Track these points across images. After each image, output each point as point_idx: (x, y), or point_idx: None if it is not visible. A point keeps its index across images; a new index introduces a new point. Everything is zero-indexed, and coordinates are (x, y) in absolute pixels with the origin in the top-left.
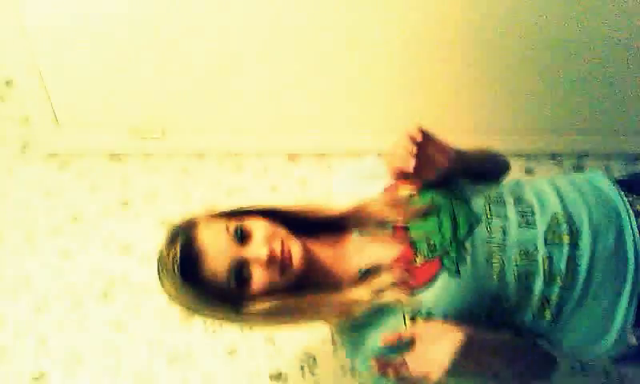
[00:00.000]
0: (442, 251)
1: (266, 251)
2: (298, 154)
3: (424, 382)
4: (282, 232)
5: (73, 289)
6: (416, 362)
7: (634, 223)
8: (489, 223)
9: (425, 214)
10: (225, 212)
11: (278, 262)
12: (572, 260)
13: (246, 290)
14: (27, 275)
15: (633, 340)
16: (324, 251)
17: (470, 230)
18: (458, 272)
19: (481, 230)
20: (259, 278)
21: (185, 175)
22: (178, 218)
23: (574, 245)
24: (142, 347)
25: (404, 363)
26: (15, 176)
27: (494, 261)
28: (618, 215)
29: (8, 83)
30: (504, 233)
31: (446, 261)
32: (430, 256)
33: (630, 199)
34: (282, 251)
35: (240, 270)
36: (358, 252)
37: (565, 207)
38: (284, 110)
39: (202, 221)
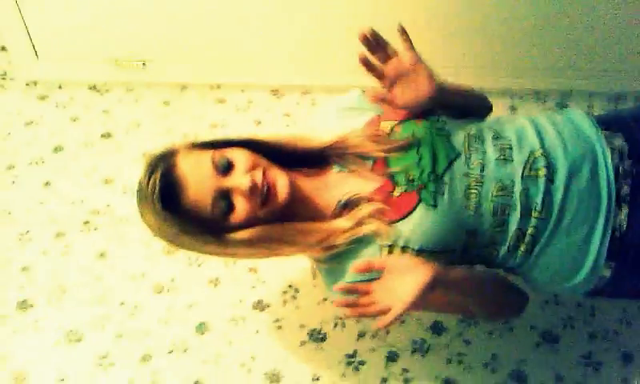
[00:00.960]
0: (420, 184)
1: (248, 181)
2: (281, 88)
3: (385, 317)
4: (264, 162)
5: (55, 219)
6: (381, 293)
7: (609, 159)
8: (467, 158)
9: (405, 148)
10: (205, 142)
11: (259, 192)
12: (547, 194)
13: (228, 220)
14: (9, 206)
15: (606, 272)
16: (305, 183)
17: (449, 165)
18: (435, 204)
19: (459, 164)
20: (241, 207)
21: (167, 107)
22: (157, 148)
23: (550, 179)
24: (126, 277)
25: (368, 291)
26: None
27: (472, 194)
28: (594, 151)
29: None
30: (482, 167)
31: (423, 193)
32: (409, 189)
33: (607, 134)
34: (265, 181)
35: (223, 199)
36: (337, 185)
37: (542, 143)
38: (268, 43)
39: (181, 150)
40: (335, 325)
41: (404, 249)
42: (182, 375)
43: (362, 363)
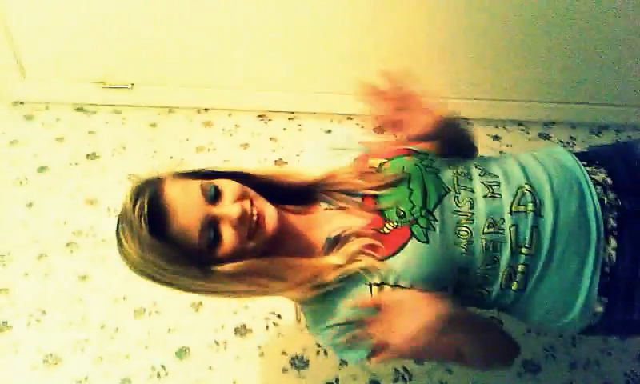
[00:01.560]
0: (412, 219)
1: (238, 209)
2: (268, 113)
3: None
4: (252, 193)
5: (38, 240)
6: (379, 329)
7: (594, 192)
8: (457, 194)
9: (395, 183)
10: (193, 171)
11: (248, 221)
12: (536, 228)
13: (215, 251)
14: None
15: (599, 308)
16: (293, 220)
17: (439, 200)
18: (427, 240)
19: (449, 201)
20: (229, 237)
21: (153, 129)
22: (142, 174)
23: (538, 213)
24: (107, 300)
25: (366, 330)
26: None
27: (462, 231)
28: (580, 185)
29: None
30: (471, 204)
31: (415, 228)
32: (400, 224)
33: (589, 170)
34: (254, 211)
35: (210, 228)
36: (326, 222)
37: (528, 179)
38: (256, 68)
39: (168, 178)
40: (317, 352)
41: (395, 286)
42: None
43: None
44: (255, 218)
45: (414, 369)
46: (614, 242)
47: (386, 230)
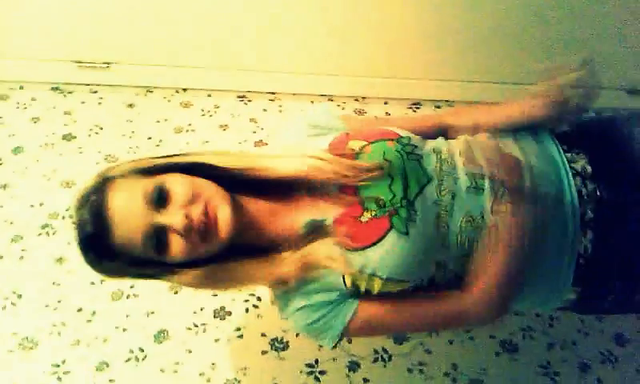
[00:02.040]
0: (391, 209)
1: (181, 218)
2: (248, 94)
3: None
4: (208, 192)
5: (13, 222)
6: None
7: (573, 184)
8: (439, 184)
9: (375, 171)
10: (145, 168)
11: (195, 231)
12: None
13: (165, 258)
14: None
15: (572, 296)
16: (261, 209)
17: (421, 190)
18: (407, 232)
19: (431, 191)
20: (177, 246)
21: (131, 110)
22: (92, 176)
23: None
24: (84, 283)
25: None
26: None
27: (441, 224)
28: (558, 175)
29: None
30: (453, 196)
31: (395, 219)
32: (379, 214)
33: (569, 156)
34: (206, 217)
35: (156, 237)
36: (301, 209)
37: None
38: (236, 48)
39: (117, 180)
40: (297, 334)
41: (371, 277)
42: None
43: (322, 373)
44: (203, 226)
45: (393, 350)
46: (590, 234)
47: (364, 219)
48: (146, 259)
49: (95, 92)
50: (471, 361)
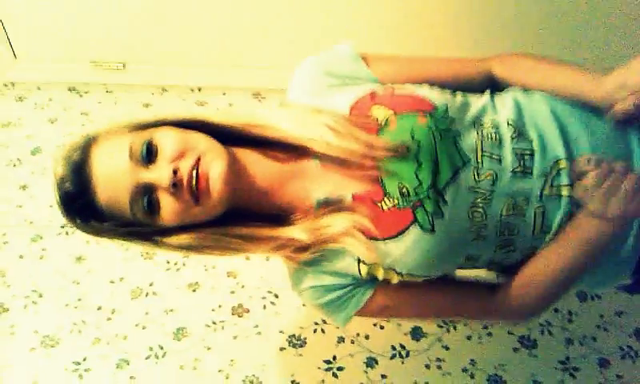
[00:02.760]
0: (415, 201)
1: (168, 173)
2: (263, 91)
3: None
4: (201, 146)
5: (32, 222)
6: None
7: None
8: (478, 166)
9: (400, 151)
10: (134, 123)
11: (186, 188)
12: (569, 216)
13: (156, 220)
14: None
15: (628, 280)
16: (267, 172)
17: (454, 176)
18: (432, 228)
19: (466, 175)
20: (168, 207)
21: (147, 109)
22: (74, 136)
23: (574, 199)
24: (104, 281)
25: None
26: None
27: (477, 214)
28: (627, 159)
29: None
30: (493, 180)
31: (419, 213)
32: (401, 204)
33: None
34: (192, 175)
35: (145, 198)
36: (315, 179)
37: (569, 149)
38: (250, 45)
39: (101, 136)
40: (315, 330)
41: (388, 271)
42: (160, 381)
43: (340, 369)
44: (193, 181)
45: (410, 346)
46: None
47: (385, 207)
48: (136, 222)
49: (111, 92)
50: (489, 357)
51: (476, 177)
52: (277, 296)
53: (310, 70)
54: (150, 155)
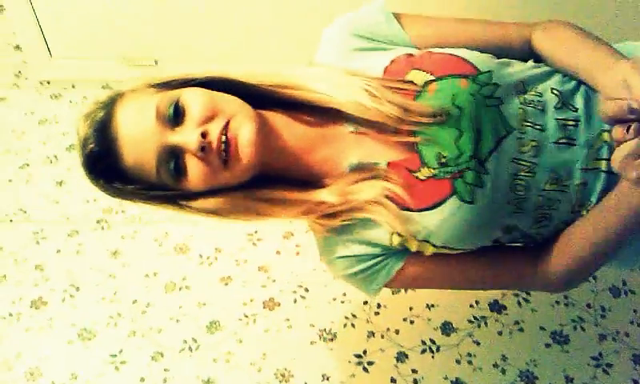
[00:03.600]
0: (455, 171)
1: (197, 137)
2: None
3: None
4: (231, 108)
5: (69, 218)
6: None
7: None
8: (521, 136)
9: (440, 117)
10: (161, 81)
11: (215, 152)
12: (606, 191)
13: (184, 184)
14: (24, 204)
15: None
16: (298, 135)
17: (496, 145)
18: (472, 200)
19: (509, 144)
20: (195, 171)
21: None
22: (100, 93)
23: (613, 173)
24: (139, 275)
25: None
26: (8, 104)
27: (519, 187)
28: None
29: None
30: (537, 151)
31: (459, 184)
32: (439, 174)
33: None
34: (223, 138)
35: (172, 161)
36: (346, 146)
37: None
38: (283, 42)
39: (127, 94)
40: (345, 325)
41: (422, 243)
42: (193, 373)
43: (370, 363)
44: (222, 146)
45: (441, 341)
46: None
47: (421, 177)
48: (161, 186)
49: None
50: (521, 352)
51: (519, 147)
52: (307, 290)
53: (339, 31)
54: (177, 117)
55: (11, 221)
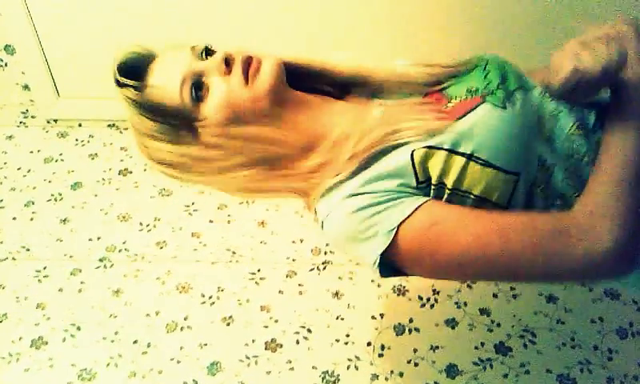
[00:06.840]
0: (485, 92)
1: (221, 55)
2: None
3: None
4: (259, 53)
5: (72, 256)
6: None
7: None
8: (543, 93)
9: (468, 68)
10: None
11: (237, 63)
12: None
13: (202, 109)
14: (27, 242)
15: None
16: (328, 106)
17: (521, 87)
18: (504, 106)
19: (533, 95)
20: (216, 89)
21: None
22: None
23: None
24: (140, 315)
25: None
26: (15, 142)
27: (545, 128)
28: None
29: (7, 48)
30: (557, 106)
31: (490, 97)
32: (469, 96)
33: None
34: (247, 58)
35: (194, 78)
36: (380, 121)
37: None
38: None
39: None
40: (348, 367)
41: (465, 165)
42: None
43: None
44: (246, 59)
45: (446, 383)
46: None
47: (450, 105)
48: (181, 110)
49: None
50: None
51: (542, 98)
52: (310, 331)
53: None
54: (208, 53)
55: (14, 259)
